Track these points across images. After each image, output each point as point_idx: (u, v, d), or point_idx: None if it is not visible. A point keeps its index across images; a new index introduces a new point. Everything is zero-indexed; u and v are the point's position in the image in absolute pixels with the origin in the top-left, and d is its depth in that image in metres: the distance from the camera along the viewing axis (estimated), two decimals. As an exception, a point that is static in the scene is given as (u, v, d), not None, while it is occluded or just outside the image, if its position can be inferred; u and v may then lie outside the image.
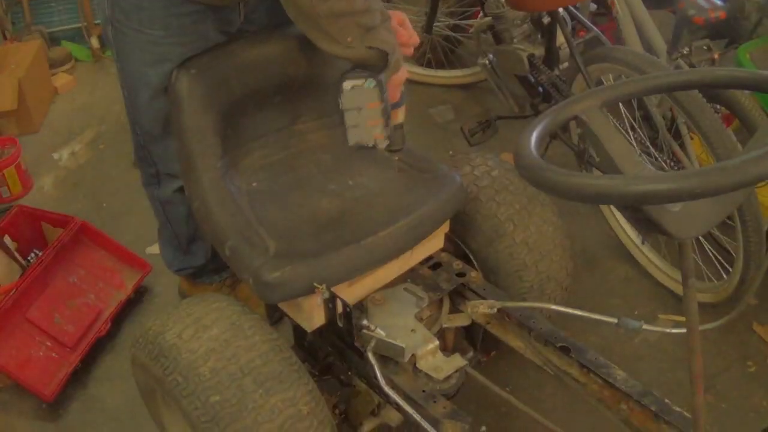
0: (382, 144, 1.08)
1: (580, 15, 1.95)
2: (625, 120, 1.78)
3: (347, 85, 1.05)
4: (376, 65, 1.04)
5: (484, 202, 1.37)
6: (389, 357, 1.16)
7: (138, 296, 1.79)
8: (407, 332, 1.19)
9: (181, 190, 1.38)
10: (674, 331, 1.11)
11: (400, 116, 1.16)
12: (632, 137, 1.76)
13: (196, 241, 1.57)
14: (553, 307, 1.19)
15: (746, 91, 1.55)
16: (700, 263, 1.68)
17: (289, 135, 1.36)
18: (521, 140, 0.76)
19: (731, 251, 1.62)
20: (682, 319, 0.86)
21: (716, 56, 1.68)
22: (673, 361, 1.60)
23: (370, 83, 1.04)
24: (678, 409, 1.03)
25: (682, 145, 1.72)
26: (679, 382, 1.55)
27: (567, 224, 1.43)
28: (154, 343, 1.10)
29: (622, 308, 1.73)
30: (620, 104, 1.77)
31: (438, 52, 2.59)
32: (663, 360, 1.60)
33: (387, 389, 1.09)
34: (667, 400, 1.05)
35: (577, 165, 1.86)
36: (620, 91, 0.83)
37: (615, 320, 1.08)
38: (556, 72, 1.93)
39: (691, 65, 1.70)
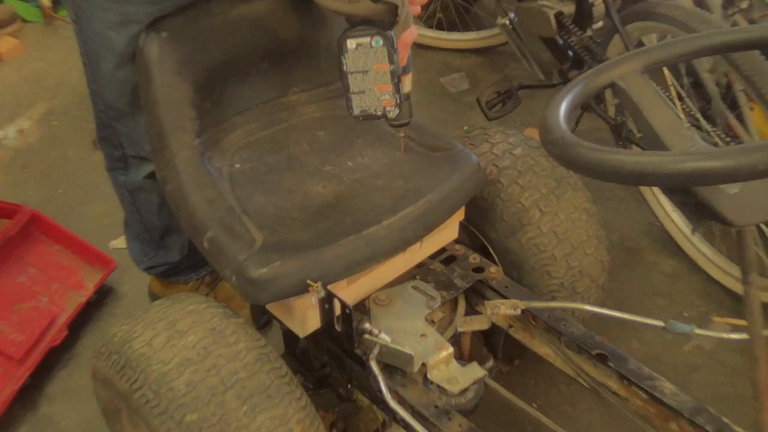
0: (393, 112, 1.08)
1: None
2: (671, 88, 1.78)
3: (351, 44, 1.05)
4: (383, 21, 1.05)
5: (505, 186, 1.38)
6: (395, 366, 1.17)
7: (100, 298, 1.80)
8: (416, 337, 1.20)
9: (152, 176, 1.39)
10: (733, 336, 1.10)
11: (406, 85, 1.16)
12: (679, 108, 1.76)
13: (169, 234, 1.59)
14: (587, 307, 1.20)
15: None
16: (763, 256, 1.68)
17: (279, 108, 1.36)
18: (548, 112, 0.77)
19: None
20: (743, 322, 0.86)
21: (782, 10, 1.68)
22: (731, 372, 1.60)
23: (378, 41, 1.04)
24: (739, 429, 1.03)
25: (739, 117, 1.72)
26: (739, 396, 1.56)
27: (602, 211, 1.45)
28: (119, 352, 1.10)
29: (669, 309, 1.74)
30: (665, 69, 1.78)
31: (450, 11, 2.58)
32: (719, 371, 1.60)
33: (393, 404, 1.09)
34: (725, 419, 1.05)
35: (613, 141, 1.87)
36: (665, 53, 0.83)
37: (661, 323, 1.08)
38: (589, 33, 1.93)
39: (752, 21, 1.69)
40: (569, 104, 0.78)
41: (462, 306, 1.33)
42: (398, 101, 1.07)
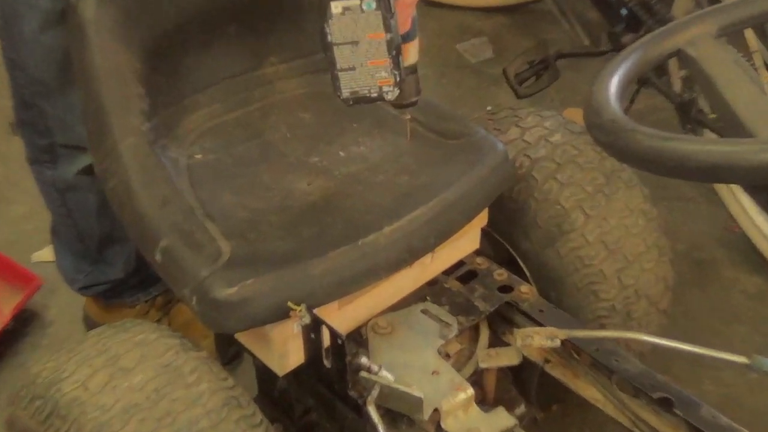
0: (392, 93, 1.09)
1: None
2: (757, 56, 1.78)
3: (336, 7, 1.05)
4: None
5: (539, 182, 1.39)
6: (400, 413, 1.17)
7: (20, 326, 1.80)
8: (426, 375, 1.20)
9: (89, 170, 1.39)
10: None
11: (411, 55, 1.16)
12: (766, 81, 1.76)
13: (111, 244, 1.59)
14: (646, 337, 1.20)
15: None
16: None
17: (251, 83, 1.37)
18: (595, 89, 0.77)
19: None
20: None
21: None
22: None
23: (369, 4, 1.04)
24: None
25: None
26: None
27: (665, 214, 1.45)
28: (44, 397, 1.09)
29: (753, 340, 1.74)
30: (748, 32, 1.78)
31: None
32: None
33: (397, 461, 1.10)
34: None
35: (679, 124, 1.87)
36: (749, 10, 0.83)
37: (743, 359, 1.08)
38: (649, -15, 1.94)
39: None
40: (622, 78, 0.79)
41: (485, 335, 1.33)
42: (398, 79, 1.07)
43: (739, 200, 1.90)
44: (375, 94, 1.09)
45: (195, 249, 1.12)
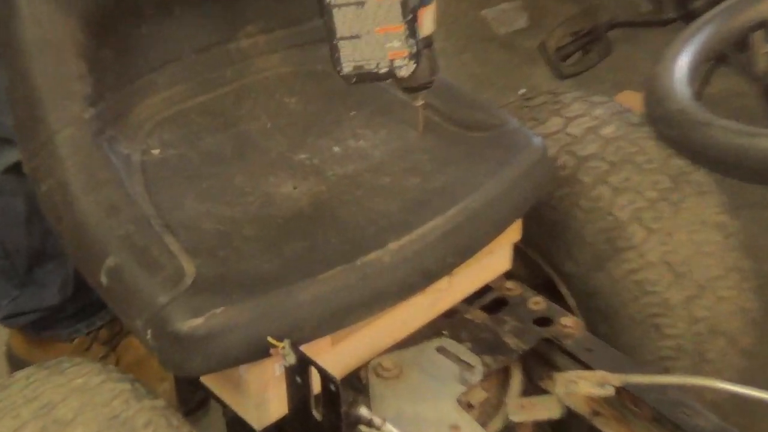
0: (405, 69, 1.09)
1: None
2: None
3: None
4: None
5: (587, 186, 1.40)
6: (410, 479, 1.17)
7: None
8: (444, 431, 1.20)
9: (17, 168, 1.39)
10: None
11: (427, 23, 1.17)
12: None
13: (43, 262, 1.60)
14: (723, 385, 1.19)
15: None
16: None
17: (222, 60, 1.38)
18: (660, 69, 0.77)
19: None
20: None
21: None
22: None
23: None
24: None
25: None
26: None
27: (748, 227, 1.44)
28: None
29: None
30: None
31: None
32: None
33: None
34: None
35: (765, 115, 1.87)
36: None
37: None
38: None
39: None
40: (694, 56, 0.79)
41: (517, 380, 1.34)
42: (414, 50, 1.08)
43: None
44: (384, 70, 1.10)
45: (151, 269, 1.12)
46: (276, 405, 1.19)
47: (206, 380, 1.23)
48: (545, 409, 1.30)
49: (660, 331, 1.38)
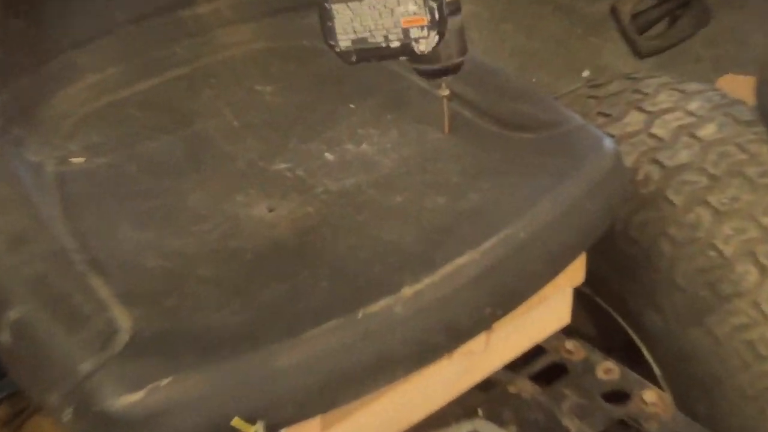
0: (425, 43, 1.10)
1: None
2: None
3: None
4: None
5: (680, 209, 1.41)
6: None
7: None
8: None
9: None
10: None
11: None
12: None
13: None
14: None
15: None
16: None
17: (172, 32, 1.40)
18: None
19: None
20: None
21: None
22: None
23: None
24: None
25: None
26: None
27: None
28: None
29: None
30: None
31: None
32: None
33: None
34: None
35: None
36: None
37: None
38: None
39: None
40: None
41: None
42: (437, 17, 1.09)
43: None
44: (396, 44, 1.11)
45: (71, 324, 1.12)
46: None
47: (148, 479, 1.23)
48: None
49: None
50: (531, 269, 1.26)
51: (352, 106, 1.39)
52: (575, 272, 1.34)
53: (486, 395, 1.34)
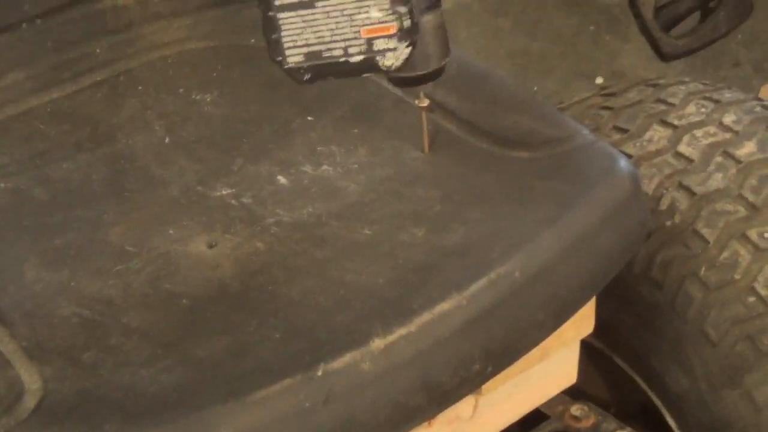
0: (393, 55, 1.12)
1: None
2: None
3: None
4: None
5: (713, 246, 1.43)
6: None
7: None
8: None
9: None
10: None
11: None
12: None
13: None
14: None
15: None
16: None
17: (90, 28, 1.42)
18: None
19: None
20: None
21: None
22: None
23: None
24: None
25: None
26: None
27: None
28: None
29: None
30: None
31: None
32: None
33: None
34: None
35: None
36: None
37: None
38: None
39: None
40: None
41: None
42: (406, 23, 1.13)
43: None
44: (358, 58, 1.14)
45: None
46: None
47: None
48: None
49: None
50: (529, 317, 1.27)
51: (310, 118, 1.40)
52: (583, 321, 1.36)
53: None
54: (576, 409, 1.42)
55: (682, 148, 1.48)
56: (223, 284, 1.25)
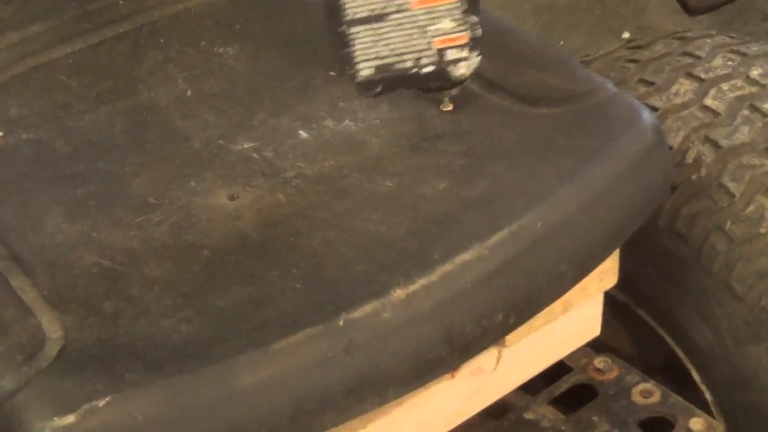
0: (466, 64, 1.16)
1: None
2: None
3: None
4: None
5: (738, 200, 1.43)
6: None
7: None
8: None
9: None
10: None
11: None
12: None
13: None
14: None
15: None
16: None
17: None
18: None
19: None
20: None
21: None
22: None
23: None
24: None
25: None
26: None
27: None
28: None
29: None
30: None
31: None
32: None
33: None
34: None
35: None
36: None
37: None
38: None
39: None
40: None
41: None
42: (477, 33, 1.15)
43: None
44: (430, 68, 1.16)
45: None
46: None
47: None
48: None
49: None
50: (551, 268, 1.27)
51: (332, 73, 1.40)
52: (607, 274, 1.36)
53: (497, 423, 1.36)
54: (599, 362, 1.43)
55: (709, 101, 1.48)
56: (244, 235, 1.26)
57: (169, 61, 1.41)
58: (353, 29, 1.12)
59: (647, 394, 1.41)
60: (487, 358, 1.29)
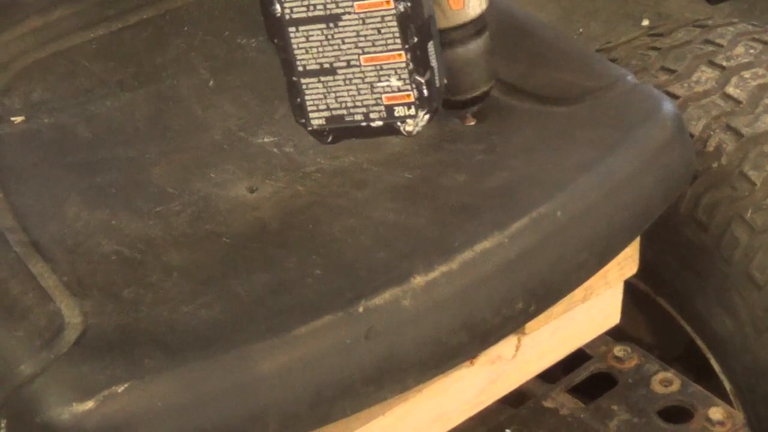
0: (413, 121, 1.16)
1: None
2: None
3: None
4: None
5: (758, 189, 1.42)
6: None
7: None
8: None
9: None
10: None
11: (471, 3, 1.21)
12: None
13: None
14: None
15: None
16: None
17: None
18: None
19: None
20: None
21: None
22: None
23: None
24: None
25: None
26: None
27: None
28: None
29: None
30: None
31: None
32: None
33: None
34: None
35: None
36: None
37: None
38: None
39: None
40: None
41: None
42: (424, 92, 1.14)
43: None
44: (378, 123, 1.16)
45: (6, 317, 1.14)
46: None
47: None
48: None
49: None
50: (571, 257, 1.27)
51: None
52: (627, 262, 1.36)
53: (516, 411, 1.36)
54: (619, 350, 1.42)
55: (730, 89, 1.47)
56: (264, 223, 1.26)
57: (192, 49, 1.41)
58: (304, 80, 1.13)
59: (666, 383, 1.40)
60: (506, 345, 1.29)
